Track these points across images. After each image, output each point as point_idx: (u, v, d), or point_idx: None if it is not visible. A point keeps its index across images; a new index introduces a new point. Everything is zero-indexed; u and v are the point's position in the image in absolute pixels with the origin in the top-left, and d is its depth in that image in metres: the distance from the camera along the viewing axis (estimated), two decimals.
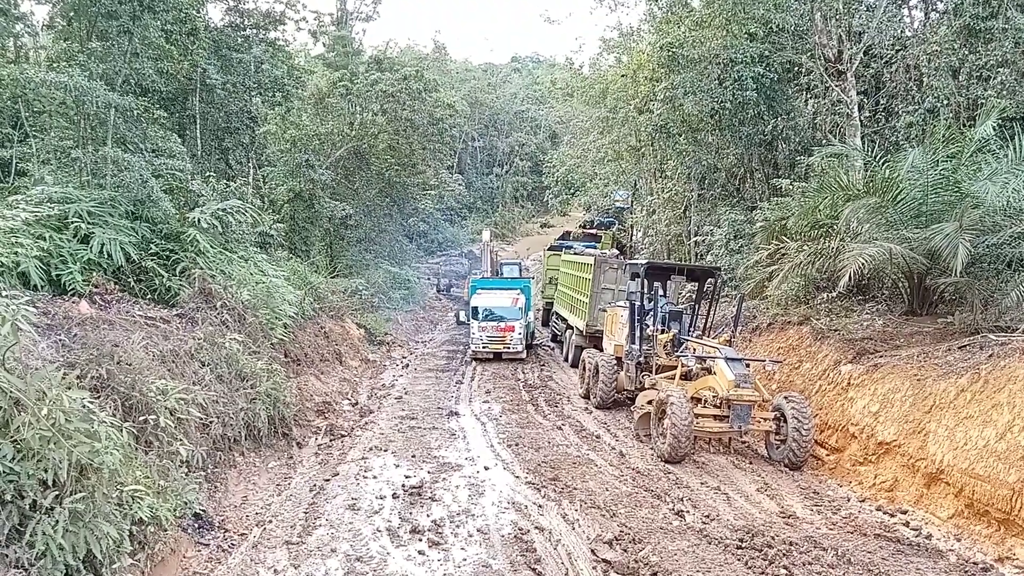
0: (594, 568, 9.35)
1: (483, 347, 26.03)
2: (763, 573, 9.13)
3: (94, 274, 13.42)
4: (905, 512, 11.57)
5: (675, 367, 15.89)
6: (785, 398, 14.12)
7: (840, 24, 20.49)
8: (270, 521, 10.73)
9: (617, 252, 31.35)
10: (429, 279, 48.50)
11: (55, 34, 20.65)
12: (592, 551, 9.80)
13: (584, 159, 40.91)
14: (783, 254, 17.29)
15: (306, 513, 11.10)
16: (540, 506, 11.60)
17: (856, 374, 14.33)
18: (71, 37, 19.03)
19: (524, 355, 26.13)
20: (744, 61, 21.20)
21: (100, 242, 13.57)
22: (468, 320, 27.25)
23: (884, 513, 11.67)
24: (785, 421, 13.88)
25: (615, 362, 18.68)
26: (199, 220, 15.88)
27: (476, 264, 43.04)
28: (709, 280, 18.43)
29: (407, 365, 25.48)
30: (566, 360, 25.99)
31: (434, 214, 54.10)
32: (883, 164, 16.05)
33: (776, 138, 23.63)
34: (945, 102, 18.64)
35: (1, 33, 18.64)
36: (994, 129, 14.75)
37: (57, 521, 6.56)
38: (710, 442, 14.87)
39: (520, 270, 38.56)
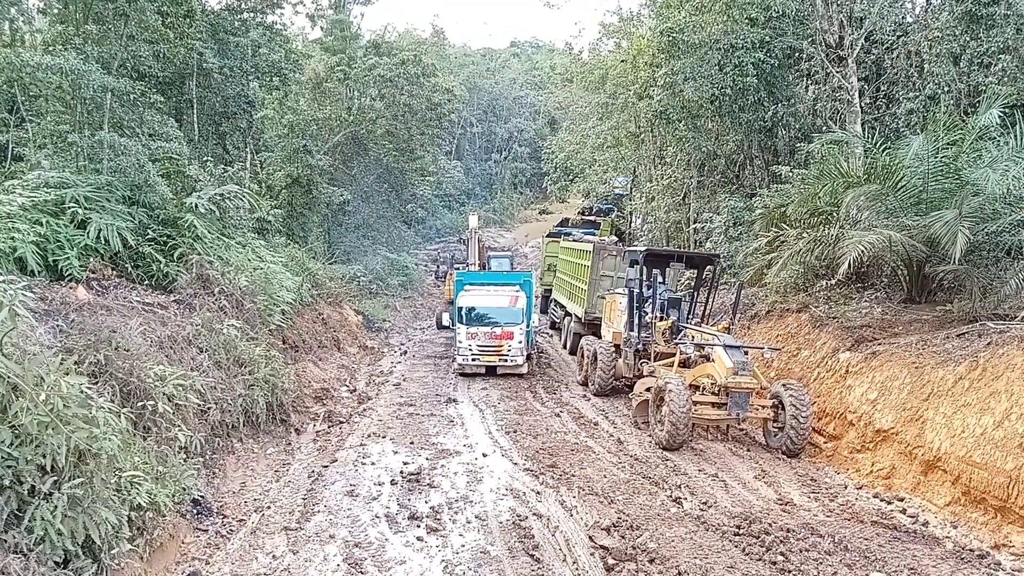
0: (592, 554, 9.38)
1: (472, 359, 21.00)
2: (760, 560, 9.17)
3: (91, 259, 13.38)
4: (902, 499, 11.61)
5: (673, 354, 15.89)
6: (783, 386, 14.14)
7: (841, 10, 20.37)
8: (269, 507, 10.75)
9: (616, 239, 31.28)
10: (427, 266, 48.39)
11: (51, 17, 20.48)
12: (590, 537, 9.83)
13: (583, 145, 40.77)
14: (782, 241, 17.27)
15: (304, 499, 11.13)
16: (538, 493, 11.63)
17: (854, 362, 14.35)
18: (67, 20, 18.85)
19: (525, 369, 21.26)
20: (744, 47, 21.07)
21: (97, 227, 13.52)
22: (453, 324, 22.27)
23: (881, 500, 11.71)
24: (783, 409, 13.90)
25: (613, 349, 18.68)
26: (196, 205, 15.82)
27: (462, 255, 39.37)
28: (708, 267, 18.41)
29: (405, 352, 25.46)
30: (564, 347, 25.95)
31: (432, 200, 53.99)
32: (883, 151, 15.99)
33: (776, 124, 23.55)
34: (946, 89, 18.56)
35: None
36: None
37: (56, 506, 6.56)
38: (708, 429, 14.90)
39: (511, 263, 34.62)
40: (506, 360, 21.02)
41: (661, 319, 17.24)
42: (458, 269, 31.09)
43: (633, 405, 16.16)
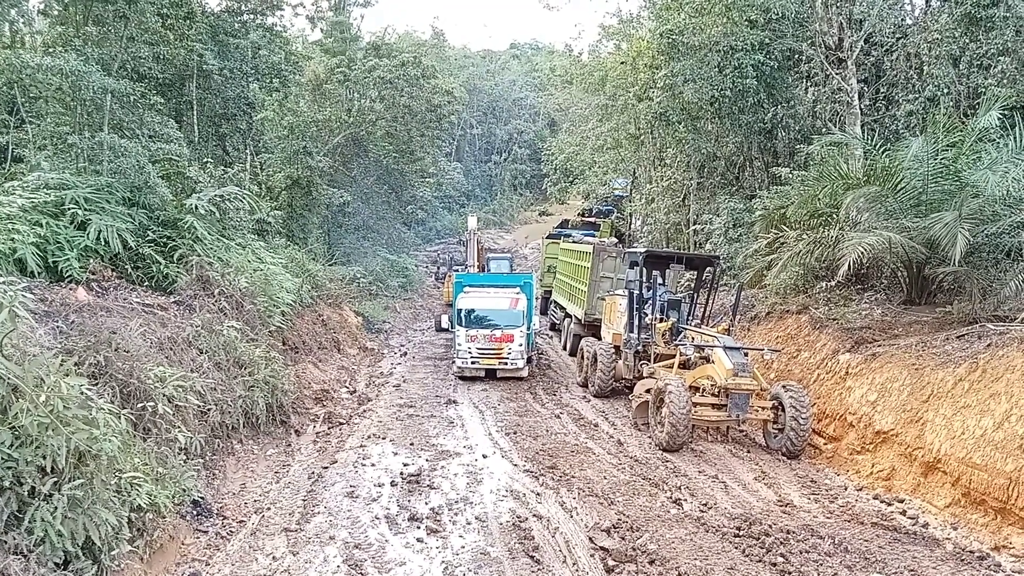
0: (592, 556, 9.37)
1: (471, 362, 20.71)
2: (760, 561, 9.17)
3: (91, 261, 13.37)
4: (902, 501, 11.61)
5: (673, 356, 15.90)
6: (783, 387, 14.14)
7: (841, 11, 20.40)
8: (268, 508, 10.75)
9: (616, 240, 31.28)
10: (427, 267, 48.40)
11: (51, 19, 20.50)
12: (590, 539, 9.83)
13: (583, 147, 40.85)
14: (782, 243, 17.28)
15: (304, 500, 11.12)
16: (538, 494, 11.62)
17: (854, 363, 14.35)
18: (67, 22, 18.89)
19: (525, 372, 20.96)
20: (744, 49, 21.10)
21: (97, 229, 13.51)
22: (452, 326, 21.87)
23: (881, 502, 11.71)
24: (783, 410, 13.90)
25: (613, 350, 18.68)
26: (196, 207, 15.80)
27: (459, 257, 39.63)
28: (708, 269, 18.42)
29: (405, 353, 25.45)
30: (564, 348, 25.94)
31: (432, 201, 53.98)
32: (883, 153, 16.02)
33: (776, 126, 23.57)
34: (945, 91, 18.59)
35: None
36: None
37: (56, 508, 6.56)
38: (708, 431, 14.90)
39: (511, 264, 34.77)
40: (506, 363, 20.65)
41: (661, 320, 17.24)
42: (457, 271, 31.09)
43: (633, 406, 16.16)
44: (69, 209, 13.48)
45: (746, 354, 14.80)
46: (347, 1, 40.71)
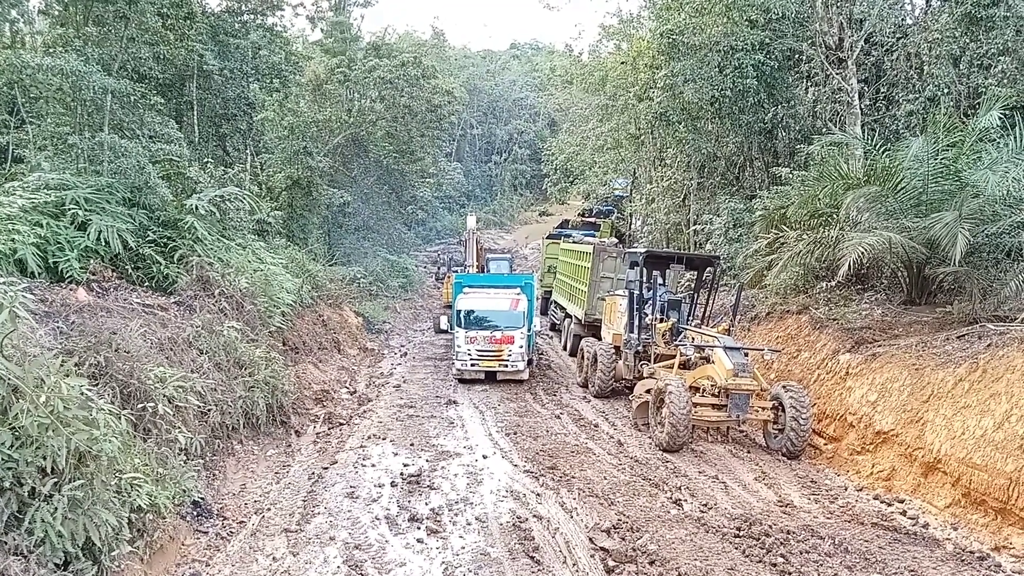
0: (592, 556, 9.38)
1: (471, 364, 20.39)
2: (760, 561, 9.17)
3: (91, 261, 13.37)
4: (902, 501, 11.61)
5: (674, 356, 15.90)
6: (783, 387, 14.14)
7: (841, 11, 20.40)
8: (269, 509, 10.75)
9: (616, 240, 31.26)
10: (427, 267, 48.41)
11: (51, 19, 20.50)
12: (590, 539, 9.83)
13: (583, 147, 40.87)
14: (782, 243, 17.28)
15: (305, 501, 11.13)
16: (538, 495, 11.62)
17: (854, 363, 14.34)
18: (67, 22, 18.89)
19: (526, 375, 20.69)
20: (744, 49, 21.10)
21: (97, 229, 13.51)
22: (452, 328, 21.58)
23: (881, 502, 11.71)
24: (783, 410, 13.90)
25: (613, 351, 18.67)
26: (197, 207, 15.80)
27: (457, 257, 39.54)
28: (708, 269, 18.42)
29: (405, 354, 25.44)
30: (564, 349, 25.94)
31: (432, 202, 54.01)
32: (883, 153, 16.01)
33: (776, 126, 23.57)
34: (946, 90, 18.59)
35: None
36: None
37: (56, 508, 6.56)
38: (708, 431, 14.90)
39: (511, 265, 34.46)
40: (506, 365, 20.31)
41: (661, 321, 17.25)
42: (457, 271, 30.86)
43: (633, 407, 16.16)
44: (69, 209, 13.48)
45: (746, 354, 14.81)
46: (347, 1, 40.73)
